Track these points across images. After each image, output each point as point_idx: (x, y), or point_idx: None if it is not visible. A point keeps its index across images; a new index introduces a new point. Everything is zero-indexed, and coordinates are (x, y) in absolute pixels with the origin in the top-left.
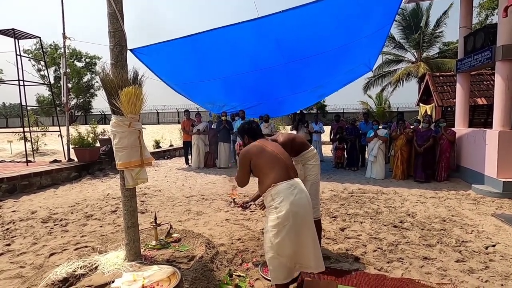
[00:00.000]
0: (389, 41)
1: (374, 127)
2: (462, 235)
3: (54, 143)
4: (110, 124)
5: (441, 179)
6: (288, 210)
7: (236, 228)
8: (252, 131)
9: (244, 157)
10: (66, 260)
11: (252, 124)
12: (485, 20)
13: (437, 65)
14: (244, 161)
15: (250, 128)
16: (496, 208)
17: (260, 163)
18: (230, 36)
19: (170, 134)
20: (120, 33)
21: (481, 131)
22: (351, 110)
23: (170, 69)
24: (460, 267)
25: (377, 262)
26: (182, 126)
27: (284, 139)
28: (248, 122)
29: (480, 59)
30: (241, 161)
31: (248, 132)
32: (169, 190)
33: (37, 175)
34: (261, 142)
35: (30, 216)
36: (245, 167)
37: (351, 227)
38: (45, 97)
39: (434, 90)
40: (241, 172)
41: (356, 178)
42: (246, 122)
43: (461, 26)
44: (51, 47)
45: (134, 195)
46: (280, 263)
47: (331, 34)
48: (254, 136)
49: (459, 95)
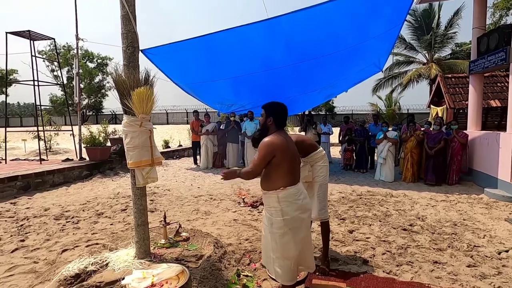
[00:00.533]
0: (400, 42)
1: (384, 129)
2: (474, 239)
3: (67, 142)
4: (122, 124)
5: (453, 183)
6: (295, 215)
7: (244, 228)
8: (282, 117)
9: (269, 149)
10: (77, 257)
11: (285, 109)
12: (499, 21)
13: (449, 66)
14: (268, 153)
15: (283, 113)
16: (510, 213)
17: (280, 164)
18: (240, 36)
19: (179, 134)
20: (132, 34)
21: (494, 134)
22: (360, 112)
23: (180, 69)
24: (472, 272)
25: (386, 265)
26: (191, 126)
27: (295, 139)
28: (283, 105)
29: (494, 61)
30: (265, 152)
31: (277, 114)
32: (178, 189)
33: (50, 173)
34: (286, 137)
35: (43, 213)
36: (266, 160)
37: (359, 229)
38: (58, 97)
39: (446, 91)
40: (260, 163)
41: (365, 180)
42: (280, 103)
43: (474, 26)
44: (64, 48)
45: (144, 193)
46: (285, 264)
47: (341, 35)
48: (281, 123)
49: (472, 97)
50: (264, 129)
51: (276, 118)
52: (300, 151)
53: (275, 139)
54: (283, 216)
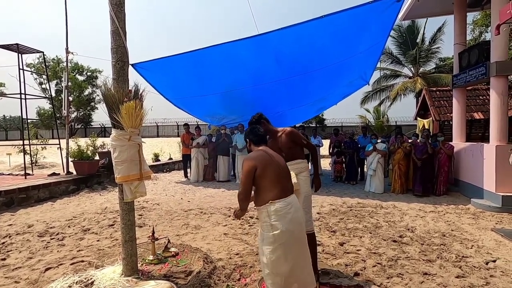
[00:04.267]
0: (387, 56)
1: (373, 141)
2: (462, 250)
3: (53, 156)
4: (110, 138)
5: (440, 193)
6: (284, 229)
7: (234, 242)
8: (256, 135)
9: (249, 163)
10: (62, 275)
11: (258, 129)
12: (479, 37)
13: (434, 80)
14: (249, 168)
15: (255, 133)
16: (496, 223)
17: (264, 175)
18: (230, 52)
19: (169, 147)
20: (122, 49)
21: (478, 145)
22: (349, 124)
23: (170, 84)
24: (461, 283)
25: (376, 277)
26: (182, 139)
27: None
28: (254, 126)
29: (475, 75)
30: (246, 167)
31: (252, 135)
32: (167, 203)
33: (35, 188)
34: (266, 151)
35: (27, 230)
36: (250, 175)
37: (350, 241)
38: (46, 110)
39: (431, 104)
40: (244, 179)
41: (355, 192)
42: (250, 126)
43: (456, 42)
44: (53, 61)
45: (132, 208)
46: (276, 281)
47: (328, 51)
48: (258, 141)
49: (456, 109)
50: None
51: (252, 138)
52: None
53: (252, 154)
54: (273, 231)
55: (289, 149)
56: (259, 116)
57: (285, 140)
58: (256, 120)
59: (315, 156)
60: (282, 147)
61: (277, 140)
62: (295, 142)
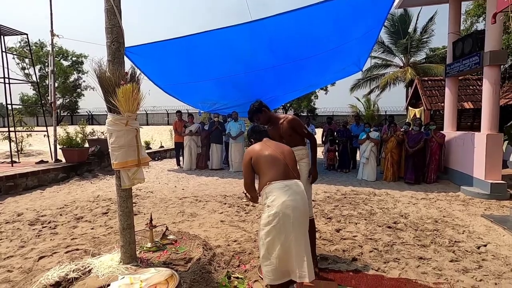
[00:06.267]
0: (378, 46)
1: (367, 130)
2: (454, 235)
3: (39, 144)
4: (106, 123)
5: (431, 181)
6: (278, 210)
7: (231, 229)
8: (256, 132)
9: (246, 156)
10: (56, 264)
11: (255, 127)
12: (471, 27)
13: (424, 70)
14: (245, 161)
15: (254, 131)
16: (485, 209)
17: (259, 162)
18: (223, 38)
19: (160, 136)
20: (117, 29)
21: (469, 134)
22: (340, 113)
23: (161, 70)
24: (455, 266)
25: (374, 262)
26: (174, 127)
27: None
28: (252, 126)
29: (468, 64)
30: (243, 162)
31: (253, 135)
32: (161, 191)
33: (22, 176)
34: (264, 142)
35: (17, 219)
36: (247, 165)
37: (346, 228)
38: (29, 96)
39: (423, 94)
40: (244, 172)
41: (348, 180)
42: (251, 127)
43: (450, 31)
44: (36, 45)
45: (130, 195)
46: (270, 262)
47: (323, 37)
48: (259, 137)
49: (448, 99)
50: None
51: (255, 137)
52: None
53: (249, 148)
54: (268, 211)
55: (289, 136)
56: (259, 104)
57: (286, 127)
58: (256, 109)
59: (314, 147)
60: (282, 134)
61: (278, 127)
62: (296, 130)
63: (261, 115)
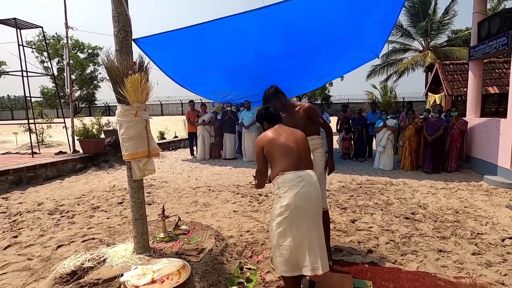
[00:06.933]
0: (396, 29)
1: (383, 117)
2: (476, 227)
3: (59, 135)
4: (116, 114)
5: (451, 170)
6: (290, 201)
7: (244, 220)
8: (270, 115)
9: (257, 145)
10: (73, 253)
11: (269, 109)
12: (498, 6)
13: (445, 53)
14: (257, 148)
15: (267, 113)
16: (510, 200)
17: (272, 151)
18: (235, 25)
19: (174, 126)
20: (124, 17)
21: (494, 121)
22: (356, 101)
23: (174, 60)
24: (477, 260)
25: (390, 254)
26: (187, 117)
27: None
28: (265, 107)
29: (495, 46)
30: (256, 150)
31: (265, 118)
32: (175, 181)
33: (42, 166)
34: (277, 129)
35: (37, 208)
36: (259, 155)
37: (361, 219)
38: (49, 89)
39: (444, 79)
40: (257, 161)
41: (364, 169)
42: (262, 107)
43: (475, 11)
44: (53, 38)
45: (141, 186)
46: (281, 254)
47: (339, 22)
48: (272, 120)
49: (471, 83)
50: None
51: (268, 120)
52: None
53: (262, 135)
54: (280, 202)
55: (305, 125)
56: (274, 90)
57: (302, 115)
58: (271, 94)
59: (330, 137)
60: (298, 123)
61: (294, 115)
62: (312, 119)
63: (276, 101)
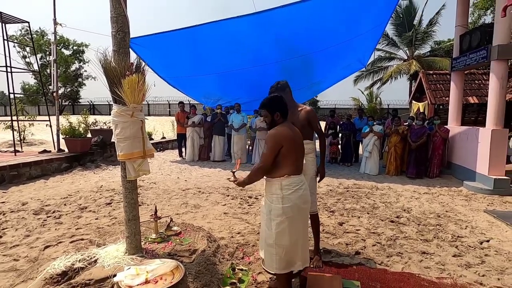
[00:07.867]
0: (383, 38)
1: (370, 123)
2: (457, 230)
3: (42, 133)
4: (111, 114)
5: (433, 176)
6: (295, 203)
7: (235, 221)
8: (284, 107)
9: (277, 140)
10: (62, 253)
11: (283, 98)
12: (478, 20)
13: (428, 63)
14: (276, 143)
15: (283, 103)
16: (488, 205)
17: (288, 152)
18: (228, 30)
19: (162, 126)
20: (123, 18)
21: (474, 129)
22: (343, 106)
23: (166, 62)
24: (458, 261)
25: (377, 256)
26: (176, 118)
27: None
28: (280, 96)
29: (476, 58)
30: (273, 143)
31: (280, 107)
32: (164, 182)
33: (26, 165)
34: (291, 128)
35: (21, 208)
36: (274, 151)
37: (349, 221)
38: (31, 85)
39: (428, 88)
40: (269, 154)
41: (350, 173)
42: (276, 95)
43: (457, 24)
44: (37, 33)
45: (135, 187)
46: (277, 252)
47: (329, 32)
48: (285, 115)
49: (453, 93)
50: (273, 125)
51: (282, 111)
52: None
53: (281, 130)
54: (283, 203)
55: (302, 127)
56: (286, 82)
57: (303, 117)
58: (281, 86)
59: (323, 144)
60: (297, 124)
61: (296, 115)
62: (310, 123)
63: (284, 95)
